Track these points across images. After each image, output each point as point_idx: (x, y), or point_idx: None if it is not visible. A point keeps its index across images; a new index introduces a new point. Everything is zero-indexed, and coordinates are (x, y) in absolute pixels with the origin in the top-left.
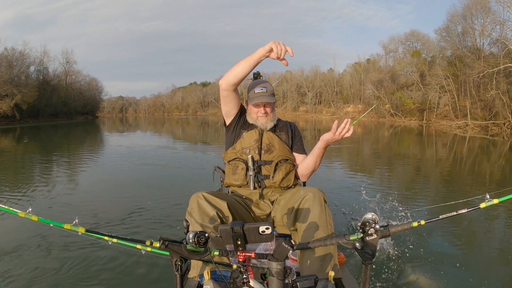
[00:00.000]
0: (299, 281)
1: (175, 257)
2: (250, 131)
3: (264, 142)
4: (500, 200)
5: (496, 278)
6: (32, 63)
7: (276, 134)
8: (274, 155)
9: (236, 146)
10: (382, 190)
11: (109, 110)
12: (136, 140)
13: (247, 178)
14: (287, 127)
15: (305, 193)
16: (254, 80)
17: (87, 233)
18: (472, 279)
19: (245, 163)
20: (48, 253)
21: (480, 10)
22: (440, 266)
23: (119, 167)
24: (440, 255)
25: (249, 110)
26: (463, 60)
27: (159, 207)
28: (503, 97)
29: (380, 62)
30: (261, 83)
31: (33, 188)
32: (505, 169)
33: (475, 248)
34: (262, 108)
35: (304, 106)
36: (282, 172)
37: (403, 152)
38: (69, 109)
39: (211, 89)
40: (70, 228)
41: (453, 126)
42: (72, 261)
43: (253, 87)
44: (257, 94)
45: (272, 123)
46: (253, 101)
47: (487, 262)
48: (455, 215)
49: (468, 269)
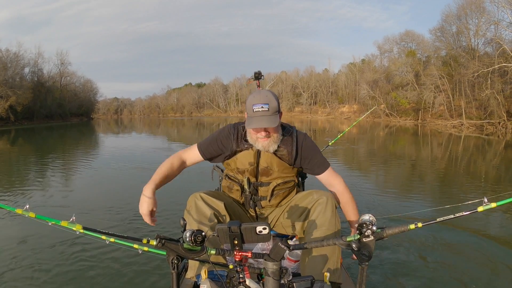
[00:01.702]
0: (295, 281)
1: (172, 256)
2: (244, 152)
3: (262, 165)
4: (498, 204)
5: (496, 279)
6: (27, 64)
7: (276, 154)
8: (273, 177)
9: (231, 163)
10: (379, 191)
11: (104, 111)
12: (132, 142)
13: (242, 198)
14: (292, 142)
15: (319, 196)
16: (254, 92)
17: (85, 232)
18: (470, 282)
19: (240, 185)
20: (45, 251)
21: (475, 10)
22: (437, 268)
23: (116, 168)
24: (437, 257)
25: (248, 130)
26: (458, 60)
27: (159, 207)
28: (498, 97)
29: (375, 62)
30: (263, 98)
31: (28, 189)
32: (501, 169)
33: (473, 251)
34: (263, 132)
35: (299, 106)
36: (280, 197)
37: (399, 152)
38: (64, 111)
39: (206, 90)
40: (67, 225)
41: (448, 125)
42: (68, 258)
43: (252, 102)
44: (256, 113)
45: (276, 145)
46: (251, 124)
47: (486, 265)
48: (452, 218)
49: (466, 273)
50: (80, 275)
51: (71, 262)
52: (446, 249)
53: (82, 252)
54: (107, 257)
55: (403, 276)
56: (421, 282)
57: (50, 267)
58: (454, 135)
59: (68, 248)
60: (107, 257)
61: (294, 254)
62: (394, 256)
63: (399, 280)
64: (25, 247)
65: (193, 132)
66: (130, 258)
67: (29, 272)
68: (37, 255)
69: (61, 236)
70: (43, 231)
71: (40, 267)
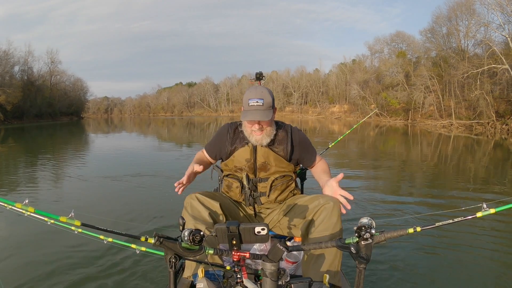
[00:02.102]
0: (293, 283)
1: (170, 254)
2: (240, 149)
3: (259, 160)
4: (497, 210)
5: (495, 282)
6: (17, 62)
7: (272, 148)
8: (271, 172)
9: (228, 163)
10: (378, 194)
11: (94, 111)
12: (126, 142)
13: (242, 195)
14: (286, 138)
15: (326, 201)
16: (251, 87)
17: (83, 232)
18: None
19: (239, 181)
20: (42, 249)
21: (465, 12)
22: (435, 271)
23: (113, 169)
24: (435, 261)
25: (243, 123)
26: (448, 61)
27: (157, 206)
28: (487, 97)
29: (365, 62)
30: (258, 93)
31: (24, 188)
32: (498, 168)
33: (471, 255)
34: (256, 124)
35: (290, 106)
36: (278, 190)
37: (391, 152)
38: (54, 110)
39: (197, 90)
40: (66, 220)
41: (438, 125)
42: (66, 255)
43: (248, 96)
44: (251, 107)
45: (269, 138)
46: (246, 116)
47: (484, 268)
48: (451, 223)
49: (464, 277)
50: (77, 272)
51: (67, 258)
52: (444, 252)
53: (79, 249)
54: (105, 254)
55: (400, 280)
56: (418, 286)
57: (48, 263)
58: (444, 135)
59: (66, 244)
60: (104, 255)
61: (293, 255)
62: (391, 259)
63: (396, 283)
64: (23, 245)
65: (183, 132)
66: (128, 257)
67: (27, 270)
68: (35, 252)
69: (59, 233)
70: (40, 229)
71: (38, 264)
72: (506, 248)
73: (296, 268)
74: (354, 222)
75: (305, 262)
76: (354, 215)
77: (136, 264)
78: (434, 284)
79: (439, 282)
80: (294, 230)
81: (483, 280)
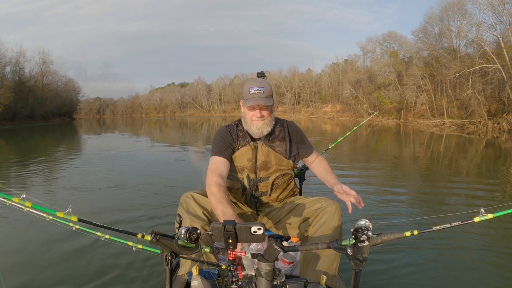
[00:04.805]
0: (288, 283)
1: (166, 252)
2: (242, 149)
3: (260, 159)
4: (495, 215)
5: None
6: (8, 63)
7: (272, 146)
8: (271, 171)
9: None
10: (374, 196)
11: (86, 111)
12: (121, 142)
13: (243, 196)
14: (284, 133)
15: (328, 204)
16: (251, 79)
17: (80, 228)
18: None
19: (241, 183)
20: (40, 247)
21: (457, 12)
22: (431, 275)
23: (110, 169)
24: (431, 264)
25: (244, 113)
26: (440, 61)
27: (155, 205)
28: (478, 96)
29: (357, 62)
30: (258, 82)
31: (20, 187)
32: (491, 166)
33: (468, 259)
34: (258, 111)
35: (283, 106)
36: (280, 189)
37: (383, 151)
38: (46, 111)
39: (189, 90)
40: (64, 216)
41: (430, 124)
42: (64, 252)
43: (248, 86)
44: (252, 95)
45: (269, 127)
46: (248, 102)
47: (481, 272)
48: (448, 227)
49: (461, 281)
50: (73, 268)
51: (63, 255)
52: (441, 256)
53: (76, 245)
54: (101, 250)
55: (396, 283)
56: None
57: (46, 260)
58: (436, 134)
59: (61, 240)
60: (101, 251)
61: (289, 256)
62: (388, 262)
63: (392, 286)
64: (19, 240)
65: (176, 132)
66: (124, 253)
67: (24, 268)
68: (32, 248)
69: (55, 229)
70: (37, 224)
71: (35, 261)
72: (503, 252)
73: (293, 268)
74: (351, 224)
75: (303, 263)
76: (351, 217)
77: (132, 261)
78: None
79: (436, 286)
80: (292, 231)
81: (480, 284)
